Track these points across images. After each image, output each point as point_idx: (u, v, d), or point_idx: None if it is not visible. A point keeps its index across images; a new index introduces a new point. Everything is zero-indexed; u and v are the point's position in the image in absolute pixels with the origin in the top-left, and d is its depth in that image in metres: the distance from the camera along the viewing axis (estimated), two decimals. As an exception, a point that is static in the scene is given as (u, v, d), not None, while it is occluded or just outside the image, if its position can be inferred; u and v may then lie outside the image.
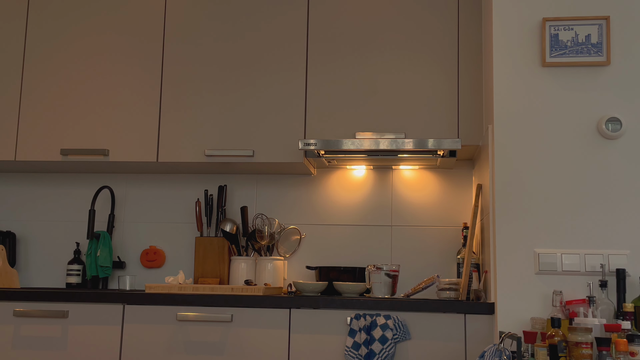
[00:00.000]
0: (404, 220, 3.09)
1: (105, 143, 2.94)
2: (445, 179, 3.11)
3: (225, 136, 2.89)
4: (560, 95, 2.38)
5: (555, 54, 2.39)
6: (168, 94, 2.95)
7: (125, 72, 2.99)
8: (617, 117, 2.32)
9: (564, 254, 2.30)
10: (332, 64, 2.90)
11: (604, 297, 2.20)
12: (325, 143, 2.75)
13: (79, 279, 3.12)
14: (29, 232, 3.28)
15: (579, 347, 1.98)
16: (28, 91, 3.02)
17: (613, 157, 2.33)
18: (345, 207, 3.13)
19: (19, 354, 2.55)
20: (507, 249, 2.33)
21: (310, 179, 3.17)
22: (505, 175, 2.37)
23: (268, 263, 2.97)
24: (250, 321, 2.48)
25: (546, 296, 2.28)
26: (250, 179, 3.20)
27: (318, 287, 2.74)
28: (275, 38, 2.94)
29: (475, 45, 2.84)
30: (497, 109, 2.41)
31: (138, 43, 3.00)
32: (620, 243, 2.29)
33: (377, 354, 2.34)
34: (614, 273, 2.24)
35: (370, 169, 3.15)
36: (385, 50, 2.88)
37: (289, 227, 3.14)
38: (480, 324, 2.39)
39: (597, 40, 2.37)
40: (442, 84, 2.84)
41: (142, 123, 2.95)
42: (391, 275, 2.68)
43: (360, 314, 2.42)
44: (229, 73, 2.94)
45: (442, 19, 2.87)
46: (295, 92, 2.90)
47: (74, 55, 3.02)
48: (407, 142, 2.72)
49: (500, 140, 2.39)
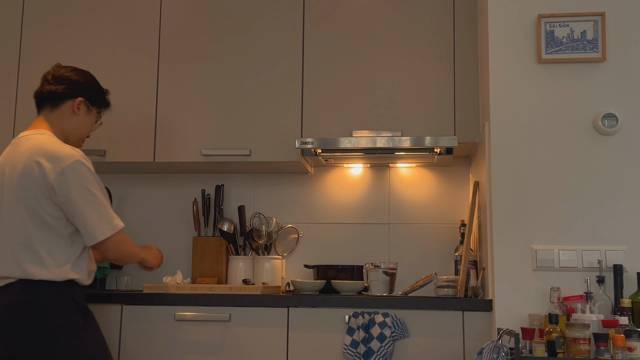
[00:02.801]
0: (402, 218, 3.09)
1: (102, 144, 2.94)
2: (442, 176, 3.11)
3: (222, 136, 2.89)
4: (556, 92, 2.38)
5: (550, 51, 2.39)
6: (164, 93, 2.94)
7: (121, 72, 2.99)
8: (613, 113, 2.33)
9: (561, 250, 2.30)
10: (329, 63, 2.90)
11: (602, 293, 2.21)
12: (322, 142, 2.74)
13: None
14: (26, 234, 3.27)
15: (576, 343, 1.99)
16: (24, 92, 3.02)
17: (609, 153, 2.34)
18: (342, 205, 3.14)
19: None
20: (505, 246, 2.33)
21: (308, 178, 3.17)
22: (502, 172, 2.37)
23: (266, 262, 2.97)
24: (248, 320, 2.48)
25: (544, 292, 2.29)
26: (247, 178, 3.20)
27: (316, 285, 2.74)
28: (271, 37, 2.94)
29: (471, 43, 2.84)
30: (493, 106, 2.41)
31: (134, 42, 3.00)
32: (617, 239, 2.29)
33: (376, 351, 2.34)
34: (611, 269, 2.24)
35: (368, 167, 3.15)
36: (382, 48, 2.88)
37: (287, 226, 3.14)
38: (478, 321, 2.39)
39: (592, 37, 2.37)
40: (439, 82, 2.84)
41: (138, 123, 2.94)
42: (389, 273, 2.68)
43: (358, 312, 2.42)
44: (226, 72, 2.94)
45: (437, 17, 2.87)
46: (291, 91, 2.90)
47: (70, 55, 3.02)
48: (404, 140, 2.72)
49: (497, 137, 2.39)
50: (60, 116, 2.28)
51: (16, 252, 2.09)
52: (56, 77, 2.29)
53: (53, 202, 2.11)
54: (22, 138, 2.23)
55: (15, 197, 2.12)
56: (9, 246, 2.11)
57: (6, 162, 2.19)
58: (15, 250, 2.10)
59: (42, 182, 2.10)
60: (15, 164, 2.16)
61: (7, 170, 2.17)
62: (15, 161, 2.16)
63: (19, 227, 2.11)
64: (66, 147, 2.18)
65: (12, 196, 2.13)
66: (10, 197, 2.14)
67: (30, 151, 2.15)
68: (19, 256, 2.09)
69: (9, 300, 2.07)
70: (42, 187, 2.10)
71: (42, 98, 2.29)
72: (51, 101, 2.28)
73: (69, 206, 2.11)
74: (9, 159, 2.19)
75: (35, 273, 2.07)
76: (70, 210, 2.11)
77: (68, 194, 2.10)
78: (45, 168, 2.10)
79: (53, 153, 2.13)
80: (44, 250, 2.09)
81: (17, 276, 2.08)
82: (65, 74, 2.31)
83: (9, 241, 2.12)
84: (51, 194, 2.10)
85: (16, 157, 2.17)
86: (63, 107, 2.28)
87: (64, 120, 2.29)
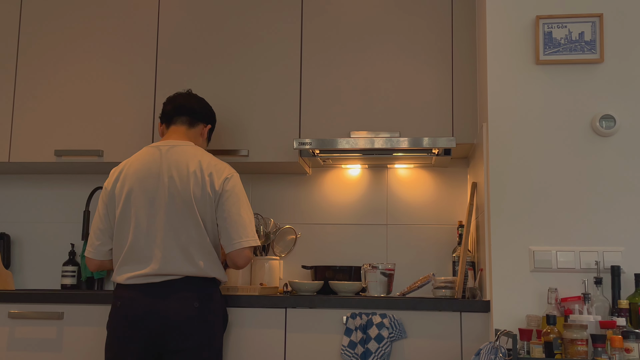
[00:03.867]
0: (400, 219, 3.09)
1: (99, 144, 2.94)
2: (440, 177, 3.11)
3: (220, 136, 2.88)
4: (554, 93, 2.38)
5: (548, 52, 2.39)
6: (162, 93, 2.94)
7: (120, 74, 2.98)
8: (611, 114, 2.33)
9: (559, 252, 2.30)
10: (327, 63, 2.89)
11: (599, 294, 2.21)
12: (320, 142, 2.74)
13: (74, 280, 3.11)
14: (23, 234, 3.27)
15: (574, 344, 1.99)
16: (22, 92, 3.01)
17: (607, 154, 2.34)
18: (340, 206, 3.13)
19: (14, 355, 2.54)
20: (502, 247, 2.33)
21: (306, 179, 3.17)
22: (499, 173, 2.37)
23: (264, 263, 2.96)
24: (246, 321, 2.47)
25: (541, 293, 2.29)
26: (245, 178, 3.18)
27: (314, 286, 2.74)
28: (269, 37, 2.93)
29: (469, 44, 2.84)
30: (491, 107, 2.41)
31: (132, 44, 3.00)
32: (615, 240, 2.30)
33: (374, 352, 2.34)
34: (609, 270, 2.24)
35: (366, 168, 3.15)
36: (380, 49, 2.88)
37: (285, 226, 3.14)
38: (475, 322, 2.39)
39: (590, 38, 2.38)
40: (437, 83, 2.84)
41: (136, 123, 2.94)
42: (387, 274, 2.68)
43: (356, 313, 2.42)
44: (223, 73, 2.93)
45: (436, 17, 2.88)
46: (289, 92, 2.90)
47: (68, 56, 3.01)
48: (402, 141, 2.72)
49: (495, 138, 2.39)
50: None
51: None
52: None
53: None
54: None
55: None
56: None
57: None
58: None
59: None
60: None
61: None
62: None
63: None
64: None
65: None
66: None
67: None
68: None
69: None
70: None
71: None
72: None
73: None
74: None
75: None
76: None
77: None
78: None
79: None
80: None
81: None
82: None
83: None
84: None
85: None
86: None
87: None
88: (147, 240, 2.26)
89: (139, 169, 2.34)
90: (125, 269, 2.27)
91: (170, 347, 2.22)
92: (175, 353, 2.22)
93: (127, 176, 2.34)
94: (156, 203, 2.28)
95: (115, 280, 2.30)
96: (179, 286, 2.25)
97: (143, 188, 2.30)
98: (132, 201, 2.30)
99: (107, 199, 2.36)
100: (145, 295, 2.23)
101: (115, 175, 2.37)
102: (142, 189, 2.30)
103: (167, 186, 2.29)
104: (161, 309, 2.21)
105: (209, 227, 2.30)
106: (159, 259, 2.24)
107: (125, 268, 2.28)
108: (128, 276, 2.25)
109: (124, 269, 2.28)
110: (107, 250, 2.37)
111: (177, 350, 2.22)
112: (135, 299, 2.23)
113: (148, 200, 2.29)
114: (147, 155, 2.37)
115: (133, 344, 2.21)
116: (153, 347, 2.23)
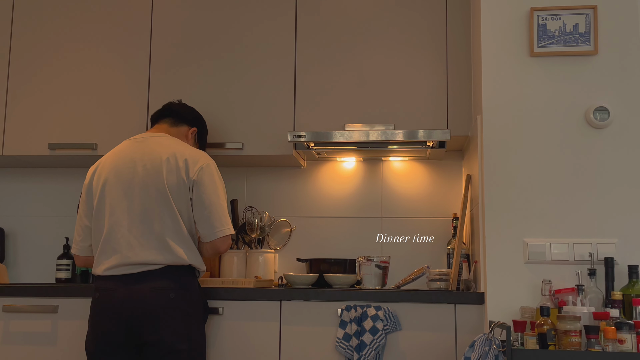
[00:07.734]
0: (394, 212, 3.09)
1: (93, 137, 2.93)
2: (434, 170, 3.11)
3: (215, 129, 2.88)
4: (548, 85, 2.38)
5: (543, 44, 2.39)
6: (156, 86, 2.93)
7: (113, 65, 2.97)
8: (605, 106, 2.33)
9: (553, 244, 2.31)
10: (321, 56, 2.89)
11: (593, 286, 2.22)
12: (315, 135, 2.74)
13: (69, 273, 3.10)
14: (17, 227, 3.26)
15: (567, 335, 1.99)
16: (15, 85, 3.00)
17: (601, 146, 2.34)
18: (335, 199, 3.13)
19: (9, 349, 2.54)
20: (497, 239, 2.34)
21: (300, 172, 3.17)
22: (494, 166, 2.37)
23: (259, 256, 2.96)
24: (241, 314, 2.47)
25: (535, 285, 2.29)
26: (239, 171, 3.19)
27: (309, 279, 2.74)
28: (263, 30, 2.93)
29: (463, 36, 2.84)
30: (485, 99, 2.41)
31: (126, 36, 2.98)
32: (609, 232, 2.30)
33: (368, 344, 2.35)
34: (603, 262, 2.25)
35: (360, 161, 3.15)
36: (374, 41, 2.88)
37: (279, 219, 3.14)
38: (470, 313, 2.39)
39: (584, 30, 2.38)
40: (431, 75, 2.84)
41: (129, 116, 2.93)
42: (381, 266, 2.68)
43: (350, 305, 2.42)
44: (217, 66, 2.92)
45: (430, 10, 2.87)
46: (284, 85, 2.89)
47: (61, 48, 3.00)
48: (397, 134, 2.72)
49: (489, 131, 2.39)
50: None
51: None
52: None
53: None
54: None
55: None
56: None
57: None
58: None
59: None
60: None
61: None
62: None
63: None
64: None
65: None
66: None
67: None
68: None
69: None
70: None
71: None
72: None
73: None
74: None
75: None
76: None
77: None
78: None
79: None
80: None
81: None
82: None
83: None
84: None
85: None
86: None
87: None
88: (123, 230, 2.26)
89: (114, 160, 2.35)
90: (103, 258, 2.27)
91: (147, 338, 2.20)
92: (151, 345, 2.20)
93: (103, 168, 2.36)
94: (131, 193, 2.29)
95: (94, 272, 2.30)
96: (156, 276, 2.24)
97: (118, 178, 2.31)
98: (107, 192, 2.31)
99: (84, 194, 2.38)
100: (123, 286, 2.23)
101: (93, 169, 2.39)
102: (117, 179, 2.31)
103: (142, 176, 2.29)
104: (137, 299, 2.20)
105: (184, 215, 2.29)
106: (135, 248, 2.24)
107: (102, 257, 2.27)
108: (106, 267, 2.25)
109: (101, 259, 2.28)
110: (88, 245, 2.38)
111: (153, 342, 2.20)
112: (113, 289, 2.23)
113: (123, 190, 2.29)
114: (123, 147, 2.39)
115: (114, 336, 2.21)
116: (132, 339, 2.21)
